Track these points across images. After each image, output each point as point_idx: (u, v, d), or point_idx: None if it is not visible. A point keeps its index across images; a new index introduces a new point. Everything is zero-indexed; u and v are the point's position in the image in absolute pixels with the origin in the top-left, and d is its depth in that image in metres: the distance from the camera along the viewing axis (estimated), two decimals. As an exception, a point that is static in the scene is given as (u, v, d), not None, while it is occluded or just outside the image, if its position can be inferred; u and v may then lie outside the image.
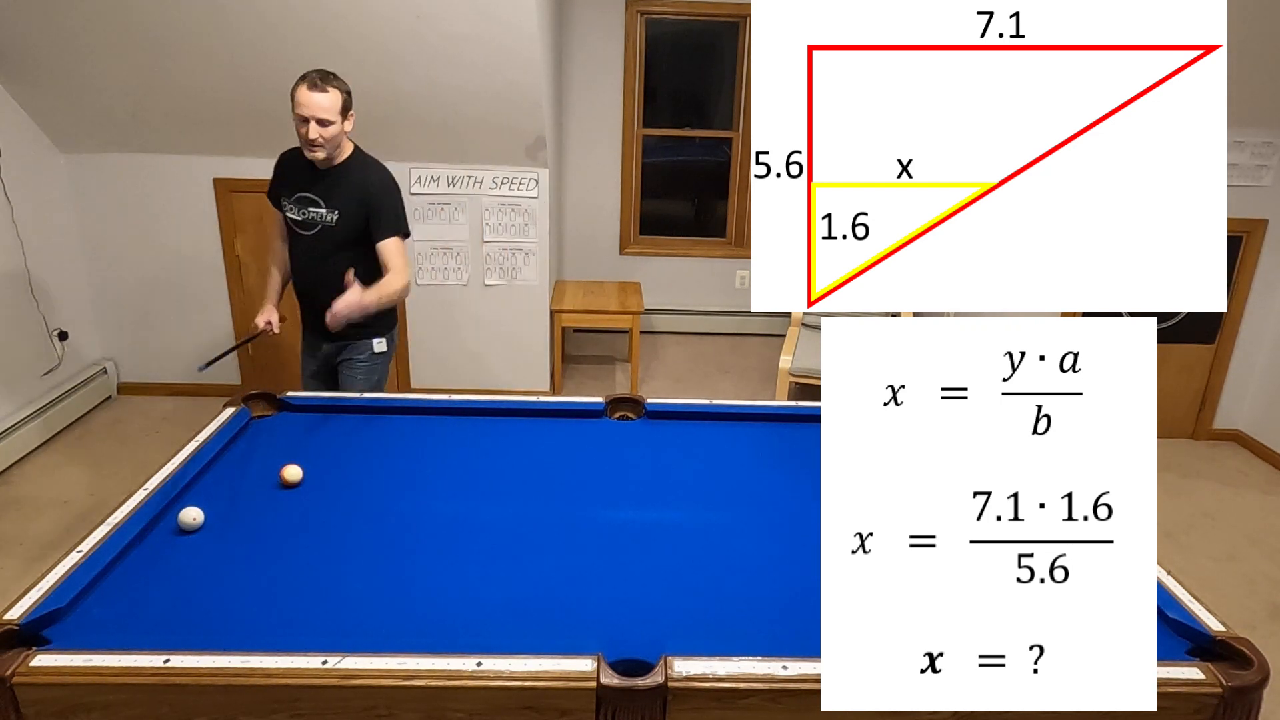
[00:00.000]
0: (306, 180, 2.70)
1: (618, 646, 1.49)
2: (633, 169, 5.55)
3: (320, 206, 2.69)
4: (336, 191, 2.70)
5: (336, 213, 2.70)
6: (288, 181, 2.74)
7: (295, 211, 2.72)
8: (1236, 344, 4.46)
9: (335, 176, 2.70)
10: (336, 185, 2.70)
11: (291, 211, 2.73)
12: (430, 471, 2.19)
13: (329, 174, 2.69)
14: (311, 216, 2.71)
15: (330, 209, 2.70)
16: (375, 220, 2.73)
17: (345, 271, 2.66)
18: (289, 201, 2.73)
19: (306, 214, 2.71)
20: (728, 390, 5.00)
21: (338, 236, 2.72)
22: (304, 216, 2.72)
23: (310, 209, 2.70)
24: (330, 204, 2.70)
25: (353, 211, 2.70)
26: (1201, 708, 1.45)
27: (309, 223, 2.72)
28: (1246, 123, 4.00)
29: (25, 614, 1.52)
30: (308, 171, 2.70)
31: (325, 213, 2.70)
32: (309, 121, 2.54)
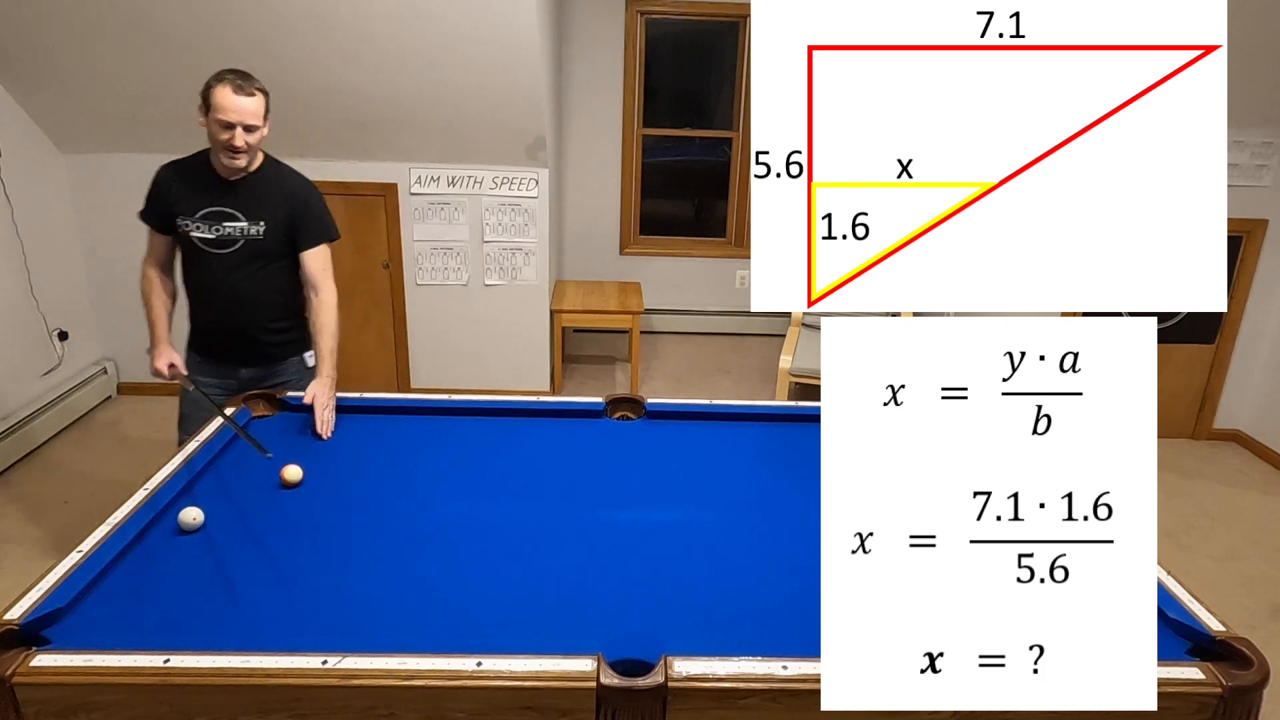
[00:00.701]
0: (215, 194, 2.46)
1: (618, 646, 1.49)
2: (633, 169, 5.56)
3: (239, 220, 2.47)
4: (258, 202, 2.50)
5: (262, 224, 2.50)
6: (186, 198, 2.46)
7: (205, 230, 2.46)
8: (1236, 344, 4.46)
9: (252, 186, 2.49)
10: (256, 195, 2.50)
11: (199, 230, 2.46)
12: (430, 471, 2.19)
13: (243, 184, 2.48)
14: (229, 233, 2.47)
15: (253, 221, 2.49)
16: (304, 227, 2.58)
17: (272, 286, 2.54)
18: (192, 220, 2.45)
19: (221, 231, 2.46)
20: (728, 390, 5.00)
21: (265, 249, 2.53)
22: (218, 234, 2.46)
23: (226, 224, 2.47)
24: (252, 216, 2.49)
25: (280, 221, 2.53)
26: (1201, 708, 1.45)
27: (225, 240, 2.48)
28: (1246, 123, 4.00)
29: (25, 614, 1.52)
30: (214, 184, 2.46)
31: (247, 226, 2.48)
32: (234, 128, 2.35)
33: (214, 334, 2.62)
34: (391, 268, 4.54)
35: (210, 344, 2.63)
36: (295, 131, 4.14)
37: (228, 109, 2.33)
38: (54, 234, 4.23)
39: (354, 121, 4.10)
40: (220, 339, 2.62)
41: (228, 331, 2.61)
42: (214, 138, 2.37)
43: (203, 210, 2.46)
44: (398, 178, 4.38)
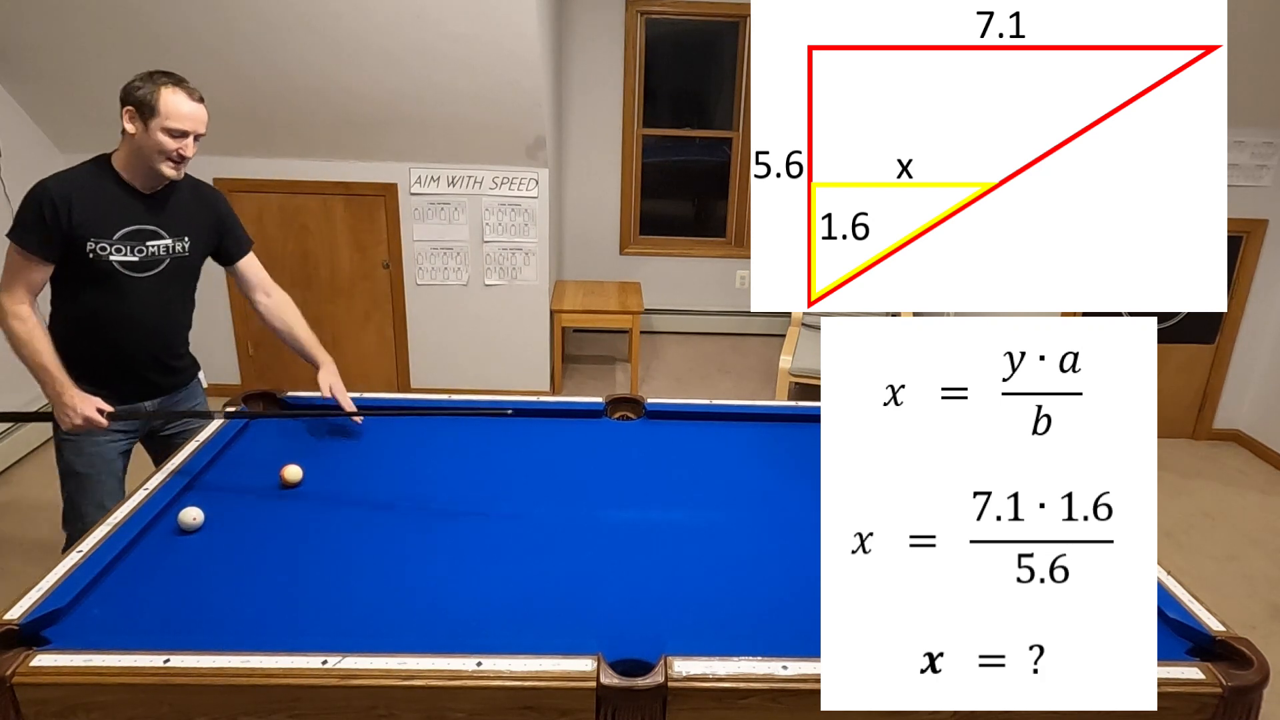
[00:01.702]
0: (136, 212, 2.19)
1: (618, 646, 1.49)
2: (633, 169, 5.56)
3: (164, 238, 2.23)
4: (179, 216, 2.27)
5: (186, 240, 2.28)
6: (98, 219, 2.14)
7: (128, 252, 2.18)
8: (1236, 344, 4.46)
9: (168, 200, 2.25)
10: (176, 209, 2.27)
11: (120, 253, 2.17)
12: (430, 471, 2.19)
13: (159, 198, 2.23)
14: (153, 253, 2.22)
15: (177, 238, 2.26)
16: (232, 236, 2.42)
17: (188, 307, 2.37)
18: (110, 242, 2.15)
19: (145, 251, 2.21)
20: (728, 390, 5.00)
21: (188, 267, 2.33)
22: (141, 255, 2.21)
23: (150, 244, 2.21)
24: (175, 232, 2.26)
25: (203, 234, 2.34)
26: (1201, 708, 1.45)
27: (150, 261, 2.22)
28: (1246, 123, 4.00)
29: (25, 614, 1.52)
30: (130, 200, 2.19)
31: (173, 243, 2.25)
32: (188, 136, 2.14)
33: (120, 368, 2.29)
34: (391, 268, 4.54)
35: (113, 380, 2.27)
36: (295, 132, 4.14)
37: (184, 116, 2.11)
38: (54, 234, 4.23)
39: (354, 121, 4.11)
40: (128, 372, 2.31)
41: (140, 362, 2.32)
42: (156, 146, 2.11)
43: (123, 230, 2.17)
44: (398, 178, 4.38)
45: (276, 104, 3.98)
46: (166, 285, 2.29)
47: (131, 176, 2.18)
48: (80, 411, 2.15)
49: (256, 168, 4.30)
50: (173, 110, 2.10)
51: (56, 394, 2.15)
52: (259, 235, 4.41)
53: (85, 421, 2.16)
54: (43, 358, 2.13)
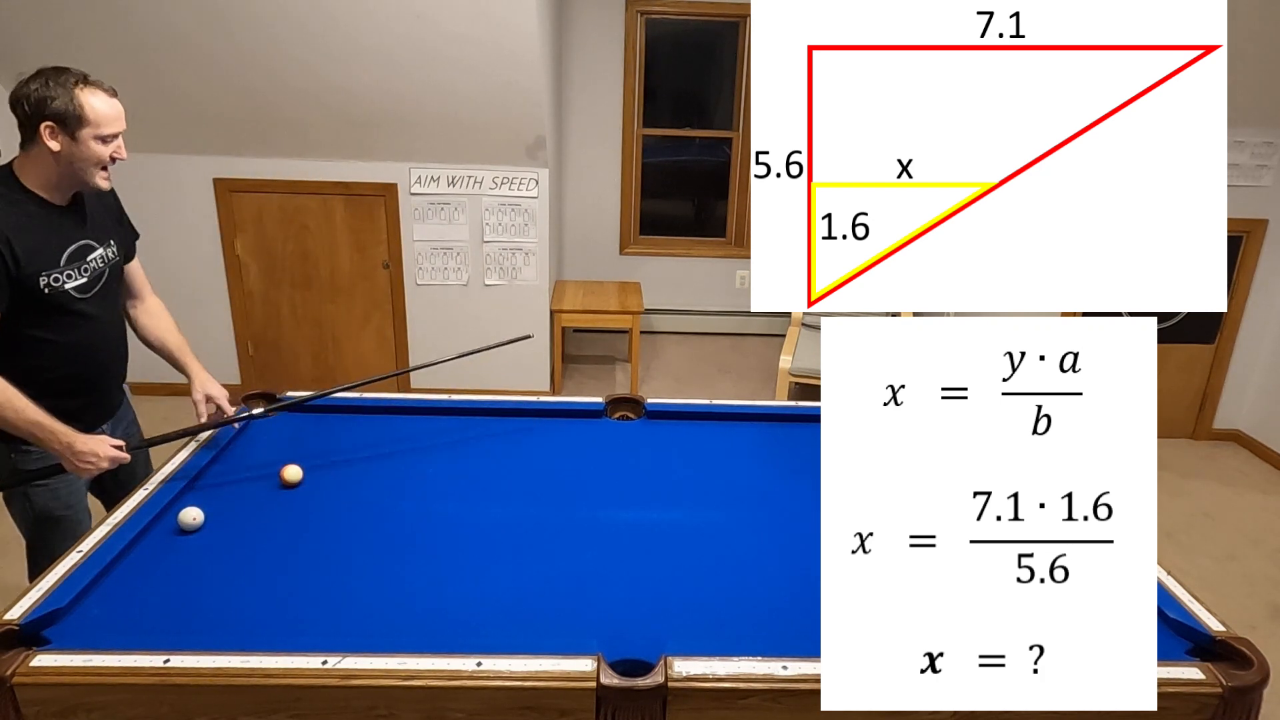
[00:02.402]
0: (70, 229, 1.98)
1: (618, 646, 1.49)
2: (633, 169, 5.56)
3: (98, 247, 2.04)
4: (98, 221, 2.07)
5: (112, 243, 2.10)
6: (40, 248, 1.90)
7: (77, 274, 1.97)
8: (1236, 344, 4.46)
9: (81, 206, 2.03)
10: (93, 214, 2.06)
11: (72, 279, 1.96)
12: (430, 471, 2.19)
13: (76, 208, 2.01)
14: (96, 267, 2.03)
15: (105, 245, 2.07)
16: (128, 234, 2.22)
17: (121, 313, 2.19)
18: (60, 271, 1.94)
19: (90, 268, 2.01)
20: (728, 390, 5.00)
21: (118, 271, 2.15)
22: (89, 273, 2.01)
23: (90, 259, 2.01)
24: (103, 239, 2.07)
25: (116, 233, 2.14)
26: (1201, 708, 1.45)
27: (95, 277, 2.03)
28: (1246, 123, 4.00)
29: (25, 614, 1.52)
30: (59, 219, 1.96)
31: (105, 251, 2.07)
32: (116, 139, 1.92)
33: (85, 396, 2.10)
34: (391, 268, 4.54)
35: (79, 411, 2.05)
36: (295, 132, 4.14)
37: (114, 118, 1.90)
38: (54, 234, 4.23)
39: (354, 121, 4.11)
40: (92, 400, 2.14)
41: (103, 385, 2.17)
42: (90, 157, 1.89)
43: (69, 250, 1.97)
44: (398, 178, 4.38)
45: (276, 104, 3.98)
46: (108, 297, 2.12)
47: (49, 192, 1.94)
48: (103, 455, 1.97)
49: (256, 168, 4.30)
50: (104, 115, 1.88)
51: (67, 445, 1.92)
52: (259, 235, 4.41)
53: (111, 462, 1.99)
54: (29, 413, 1.89)
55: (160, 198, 4.27)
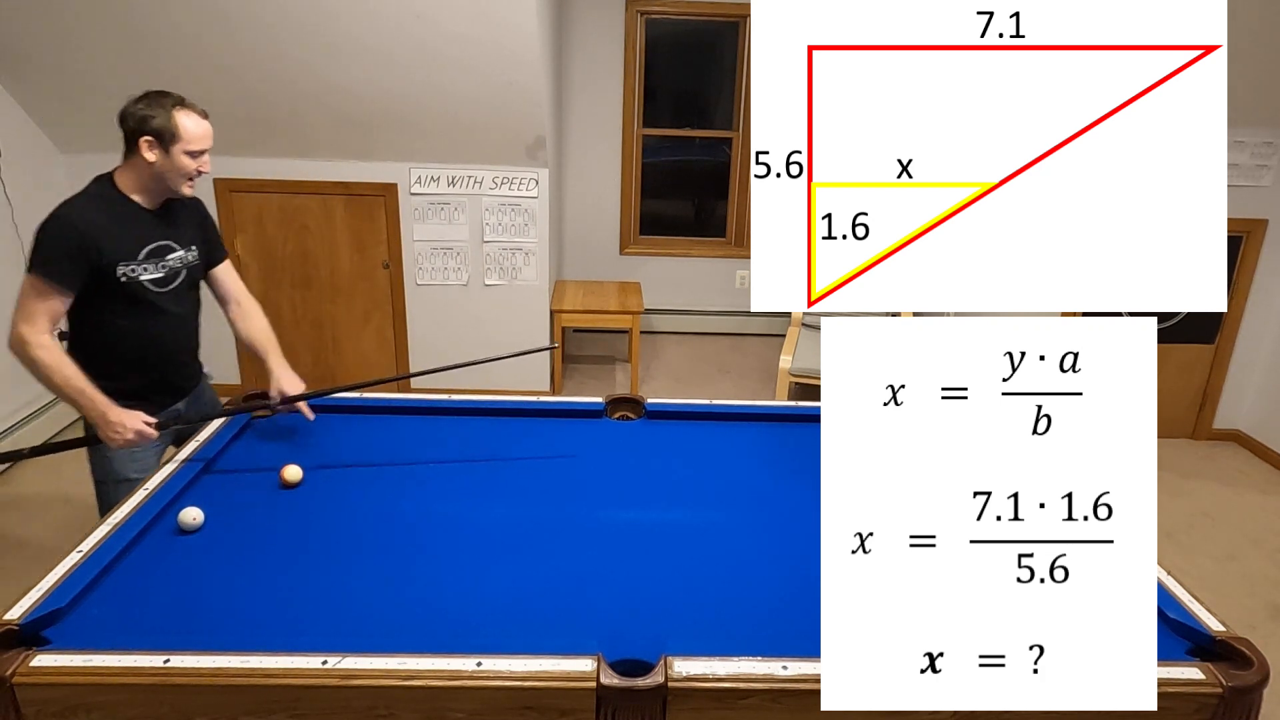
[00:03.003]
0: (153, 229, 2.25)
1: (618, 646, 1.49)
2: (633, 169, 5.56)
3: (178, 249, 2.31)
4: (183, 226, 2.35)
5: (193, 248, 2.37)
6: (123, 242, 2.18)
7: (154, 269, 2.24)
8: (1236, 344, 4.46)
9: (173, 211, 2.31)
10: (179, 220, 2.34)
11: (148, 272, 2.23)
12: (430, 471, 2.19)
13: (164, 213, 2.29)
14: (174, 265, 2.29)
15: (186, 248, 2.35)
16: (214, 241, 2.49)
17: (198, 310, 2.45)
18: (138, 264, 2.21)
19: (167, 266, 2.28)
20: (728, 390, 5.00)
21: (197, 274, 2.42)
22: (165, 270, 2.27)
23: (168, 257, 2.28)
24: (185, 243, 2.34)
25: (199, 240, 2.41)
26: (1201, 708, 1.45)
27: (171, 275, 2.29)
28: (1246, 123, 4.00)
29: (25, 614, 1.52)
30: (144, 218, 2.24)
31: (184, 254, 2.34)
32: (203, 155, 2.23)
33: (153, 381, 2.36)
34: (391, 268, 4.54)
35: (147, 393, 2.32)
36: (296, 132, 4.14)
37: (203, 136, 2.22)
38: (54, 234, 4.23)
39: (354, 122, 4.10)
40: (160, 384, 2.39)
41: (171, 372, 2.41)
42: (180, 169, 2.19)
43: (148, 248, 2.23)
44: (398, 178, 4.38)
45: (276, 104, 3.98)
46: (186, 294, 2.38)
47: (139, 195, 2.23)
48: (130, 426, 2.16)
49: (256, 168, 4.29)
50: (193, 133, 2.19)
51: (101, 414, 2.14)
52: (259, 235, 4.41)
53: (137, 435, 2.17)
54: (77, 381, 2.13)
55: (160, 198, 4.26)
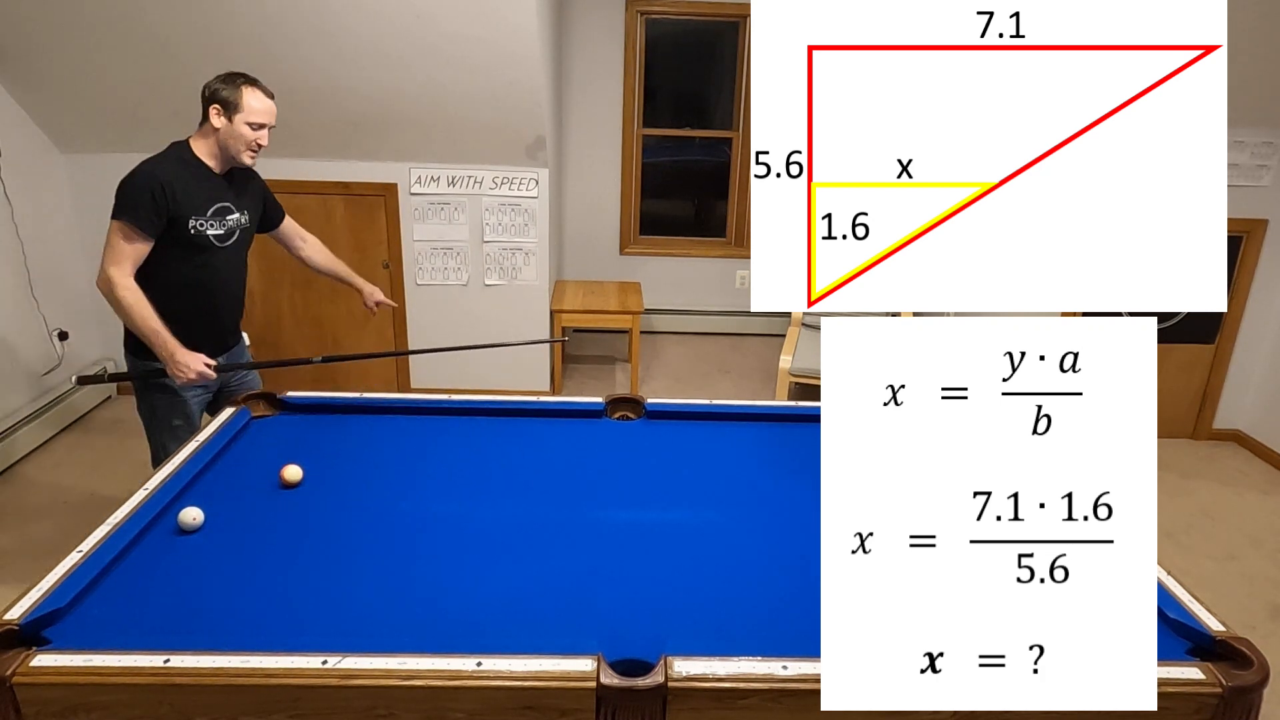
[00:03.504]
0: (219, 191, 2.58)
1: (618, 646, 1.49)
2: (633, 169, 5.55)
3: (235, 212, 2.64)
4: (243, 192, 2.69)
5: (247, 213, 2.71)
6: (194, 199, 2.51)
7: (216, 226, 2.57)
8: (1236, 344, 4.46)
9: (236, 178, 2.66)
10: (240, 186, 2.68)
11: (212, 227, 2.56)
12: (430, 471, 2.19)
13: (229, 178, 2.63)
14: (232, 225, 2.63)
15: (242, 212, 2.68)
16: (273, 204, 2.89)
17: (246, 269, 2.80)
18: (203, 219, 2.54)
19: (227, 224, 2.61)
20: (728, 390, 5.00)
21: (248, 237, 2.76)
22: (225, 228, 2.60)
23: (229, 217, 2.61)
24: (241, 206, 2.67)
25: (256, 206, 2.77)
26: (1201, 708, 1.45)
27: (230, 232, 2.62)
28: (1246, 123, 4.00)
29: (25, 614, 1.52)
30: (214, 183, 2.57)
31: (240, 217, 2.67)
32: (265, 128, 2.56)
33: (208, 327, 2.66)
34: (391, 268, 4.54)
35: (200, 338, 2.61)
36: (296, 132, 4.13)
37: (263, 111, 2.53)
38: (54, 234, 4.23)
39: (354, 122, 4.10)
40: (215, 329, 2.70)
41: (222, 321, 2.72)
42: (240, 138, 2.51)
43: (213, 208, 2.56)
44: (398, 178, 4.38)
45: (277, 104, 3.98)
46: (239, 252, 2.71)
47: (212, 161, 2.55)
48: (193, 367, 2.50)
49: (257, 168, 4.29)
50: (254, 107, 2.51)
51: (170, 353, 2.48)
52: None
53: (198, 375, 2.52)
54: (153, 322, 2.46)
55: (160, 198, 4.26)
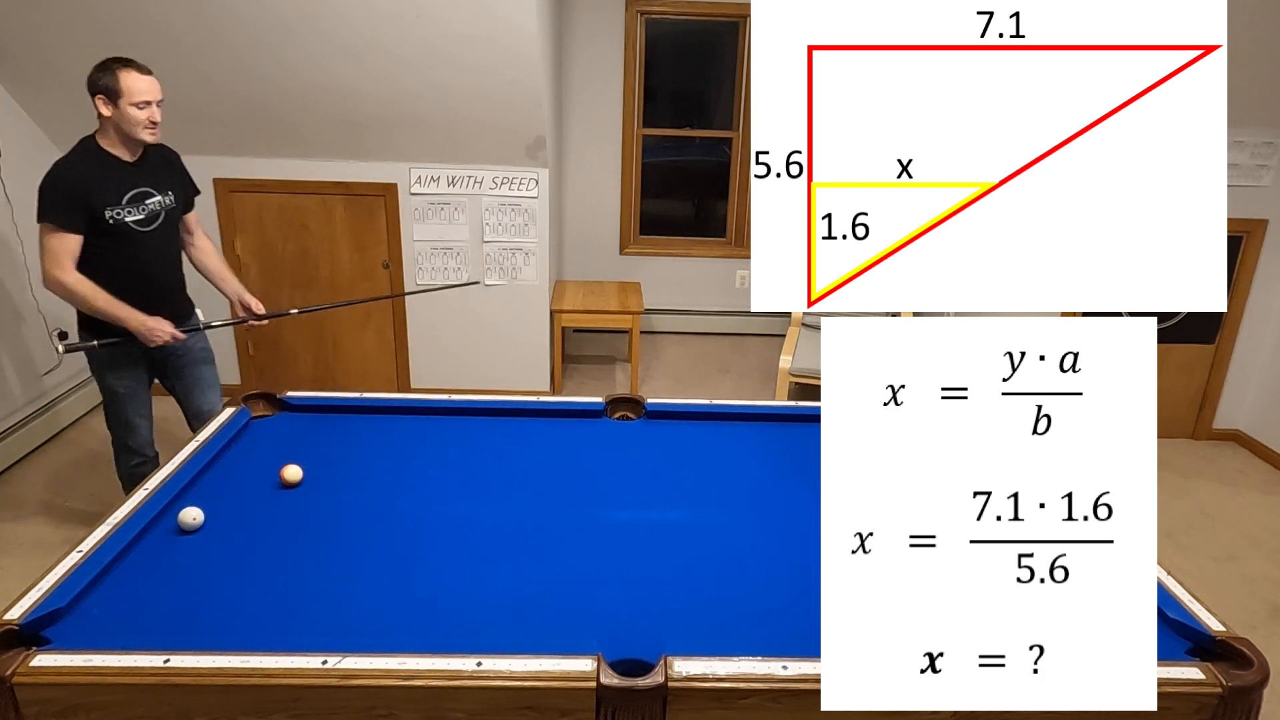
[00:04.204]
0: (132, 177, 2.66)
1: (618, 646, 1.49)
2: (633, 169, 5.55)
3: (155, 195, 2.71)
4: (160, 174, 2.75)
5: (170, 194, 2.77)
6: (107, 189, 2.60)
7: (136, 212, 2.65)
8: (1236, 344, 4.46)
9: (150, 161, 2.72)
10: (156, 168, 2.74)
11: (131, 214, 2.64)
12: (430, 471, 2.19)
13: (143, 162, 2.69)
14: (153, 209, 2.70)
15: (163, 193, 2.74)
16: (189, 187, 2.91)
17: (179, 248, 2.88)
18: (121, 208, 2.62)
19: (146, 209, 2.68)
20: (728, 390, 5.00)
21: (175, 217, 2.82)
22: (146, 213, 2.68)
23: (148, 202, 2.69)
24: (162, 188, 2.74)
25: (177, 186, 2.82)
26: (1201, 708, 1.45)
27: (151, 216, 2.70)
28: (1246, 123, 4.00)
29: (25, 614, 1.52)
30: (126, 170, 2.64)
31: (162, 199, 2.73)
32: (152, 105, 2.58)
33: (150, 308, 2.73)
34: (391, 268, 4.54)
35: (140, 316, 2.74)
36: (295, 132, 4.14)
37: (144, 89, 2.55)
38: (54, 234, 4.22)
39: (354, 122, 4.10)
40: (157, 310, 2.76)
41: (160, 301, 2.79)
42: (131, 120, 2.55)
43: (129, 194, 2.64)
44: (398, 178, 4.38)
45: (276, 104, 3.98)
46: (167, 234, 2.79)
47: (117, 150, 2.63)
48: (164, 330, 2.70)
49: (256, 168, 4.29)
50: (135, 87, 2.54)
51: (141, 322, 2.66)
52: (259, 235, 4.41)
53: (171, 336, 2.72)
54: (111, 301, 2.62)
55: (160, 198, 4.26)
